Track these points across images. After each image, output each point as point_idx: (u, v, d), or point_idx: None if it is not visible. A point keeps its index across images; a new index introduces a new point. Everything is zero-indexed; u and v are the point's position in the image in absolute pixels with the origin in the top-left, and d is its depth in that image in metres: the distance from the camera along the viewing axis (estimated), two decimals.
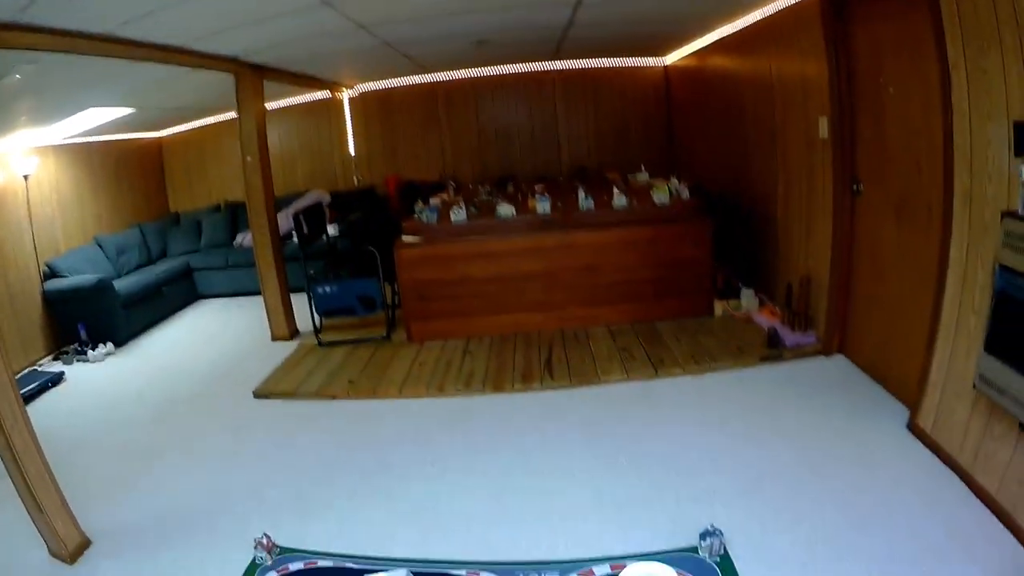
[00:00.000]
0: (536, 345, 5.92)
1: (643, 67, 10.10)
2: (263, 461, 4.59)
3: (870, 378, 4.46)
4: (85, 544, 3.69)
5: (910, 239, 3.93)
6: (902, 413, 3.92)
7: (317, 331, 6.67)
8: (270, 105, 8.73)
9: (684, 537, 3.16)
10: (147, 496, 4.25)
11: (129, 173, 9.77)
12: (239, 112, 6.67)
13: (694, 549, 3.05)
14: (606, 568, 3.02)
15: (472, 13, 5.49)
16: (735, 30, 6.55)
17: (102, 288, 7.24)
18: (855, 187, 4.50)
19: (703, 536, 3.01)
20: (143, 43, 4.65)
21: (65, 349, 7.29)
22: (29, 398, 5.88)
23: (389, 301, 6.82)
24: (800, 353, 4.98)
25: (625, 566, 2.98)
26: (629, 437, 4.27)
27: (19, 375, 6.32)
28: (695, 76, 8.59)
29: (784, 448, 3.84)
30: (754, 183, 6.34)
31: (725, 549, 3.00)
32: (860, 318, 4.68)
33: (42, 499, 3.46)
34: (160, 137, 10.76)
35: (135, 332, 7.78)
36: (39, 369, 6.77)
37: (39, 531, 3.55)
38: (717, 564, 2.94)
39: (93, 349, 7.12)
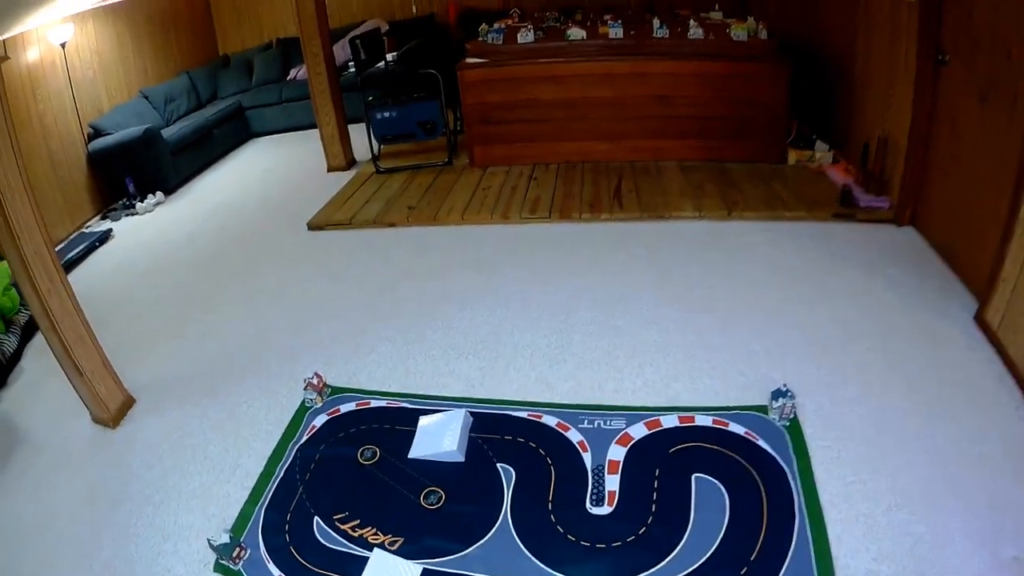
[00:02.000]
0: (605, 175, 5.66)
1: None
2: (316, 296, 4.50)
3: (940, 258, 4.14)
4: (129, 403, 3.61)
5: (993, 123, 3.50)
6: (970, 302, 3.60)
7: (375, 158, 6.43)
8: None
9: (754, 393, 3.06)
10: (194, 344, 4.16)
11: (175, 22, 9.23)
12: None
13: (764, 408, 2.95)
14: (674, 420, 2.94)
15: None
16: None
17: (149, 138, 6.91)
18: (940, 57, 4.03)
19: (775, 396, 2.89)
20: None
21: (113, 206, 7.01)
22: (76, 261, 5.74)
23: (451, 127, 6.53)
24: (872, 216, 4.65)
25: (694, 419, 2.93)
26: (700, 278, 4.10)
27: (66, 240, 6.18)
28: None
29: (854, 315, 3.62)
30: (831, 36, 5.80)
31: (795, 413, 2.89)
32: (935, 194, 4.31)
33: (81, 361, 3.32)
34: None
35: (186, 178, 7.56)
36: (86, 231, 6.52)
37: (80, 397, 3.45)
38: (786, 428, 2.84)
39: (142, 201, 6.87)
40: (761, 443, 2.78)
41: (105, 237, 6.24)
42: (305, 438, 3.17)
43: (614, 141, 5.96)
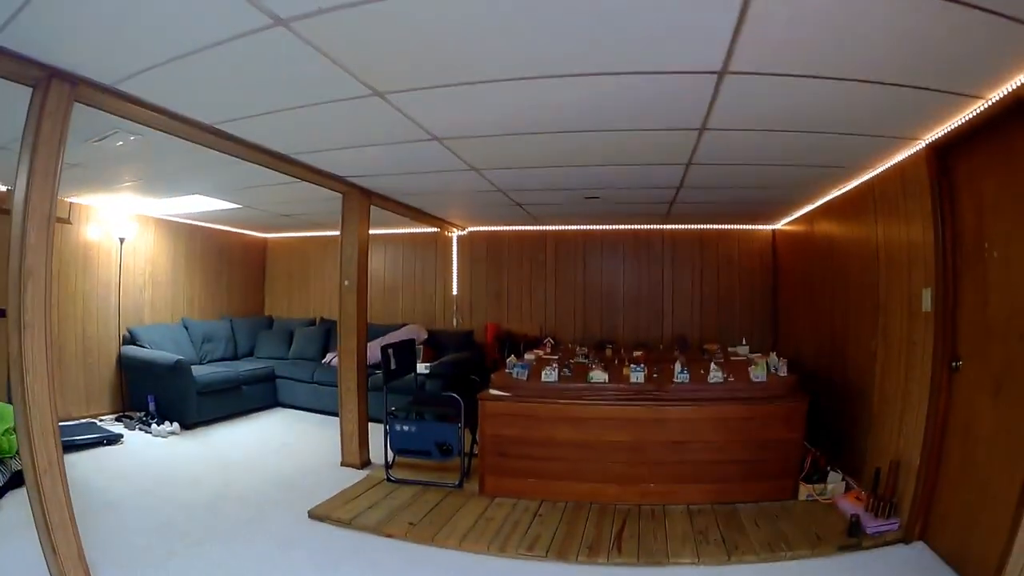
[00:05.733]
0: (610, 516, 5.46)
1: (752, 231, 9.79)
2: None
3: (949, 567, 3.99)
4: None
5: (1007, 414, 3.59)
6: None
7: (388, 466, 6.43)
8: (378, 231, 8.61)
9: None
10: None
11: (230, 266, 9.71)
12: (342, 232, 6.62)
13: None
14: None
15: (586, 166, 5.65)
16: (842, 192, 6.46)
17: (178, 370, 7.15)
18: (954, 364, 4.19)
19: None
20: (248, 143, 4.71)
21: (130, 414, 7.19)
22: (81, 446, 5.98)
23: (467, 449, 6.51)
24: (880, 541, 4.58)
25: None
26: None
27: (77, 422, 6.41)
28: (801, 242, 8.29)
29: None
30: (851, 359, 5.99)
31: None
32: (945, 502, 4.27)
33: (59, 544, 3.41)
34: (267, 237, 10.64)
35: (205, 420, 7.72)
36: (99, 423, 6.70)
37: (49, 571, 3.48)
38: None
39: (159, 424, 7.01)
40: None
41: (115, 439, 6.39)
42: None
43: (625, 485, 5.79)
